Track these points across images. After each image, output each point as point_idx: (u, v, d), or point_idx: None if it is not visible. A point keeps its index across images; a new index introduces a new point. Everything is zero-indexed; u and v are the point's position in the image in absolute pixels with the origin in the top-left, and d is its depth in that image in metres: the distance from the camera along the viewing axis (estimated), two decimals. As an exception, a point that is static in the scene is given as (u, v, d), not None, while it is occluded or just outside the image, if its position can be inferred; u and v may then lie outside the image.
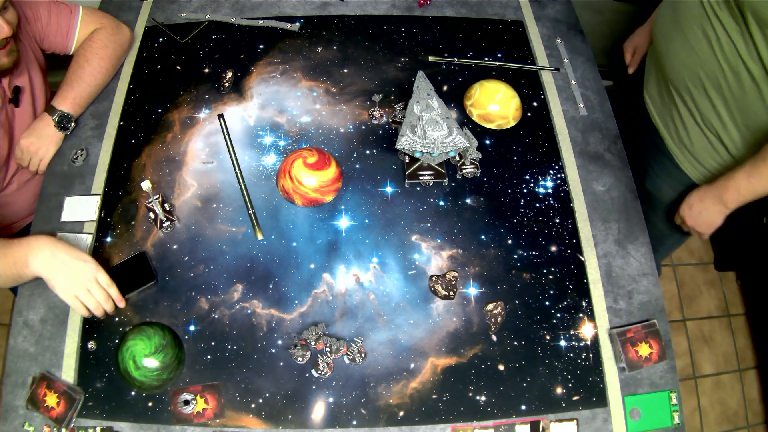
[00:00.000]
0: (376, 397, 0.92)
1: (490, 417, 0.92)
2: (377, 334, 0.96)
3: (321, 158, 1.05)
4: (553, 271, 1.03)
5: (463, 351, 0.96)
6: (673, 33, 1.04)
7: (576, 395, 0.94)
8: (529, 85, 1.24)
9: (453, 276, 1.01)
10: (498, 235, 1.06)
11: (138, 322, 0.95)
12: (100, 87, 1.18)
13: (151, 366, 0.88)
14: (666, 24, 1.07)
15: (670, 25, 1.05)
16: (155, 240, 1.04)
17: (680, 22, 1.01)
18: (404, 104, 1.18)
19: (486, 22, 1.34)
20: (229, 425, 0.90)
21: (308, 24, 1.31)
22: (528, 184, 1.11)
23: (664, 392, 0.95)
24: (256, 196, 1.08)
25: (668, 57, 1.06)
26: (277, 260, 1.02)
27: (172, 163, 1.12)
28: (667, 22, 1.07)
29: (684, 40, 1.00)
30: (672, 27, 1.04)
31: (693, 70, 1.00)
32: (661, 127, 1.16)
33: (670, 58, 1.06)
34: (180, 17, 1.32)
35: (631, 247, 1.07)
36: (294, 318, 0.97)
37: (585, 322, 0.99)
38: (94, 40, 1.16)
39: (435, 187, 1.10)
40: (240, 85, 1.22)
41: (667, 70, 1.07)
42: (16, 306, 0.99)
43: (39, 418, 0.90)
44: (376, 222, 1.06)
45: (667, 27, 1.06)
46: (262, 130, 1.16)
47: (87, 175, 1.11)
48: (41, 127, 1.11)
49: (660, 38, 1.09)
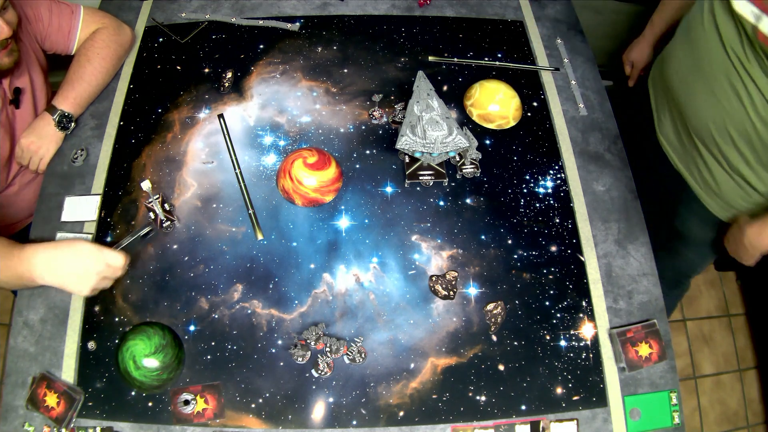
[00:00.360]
0: (376, 397, 0.92)
1: (490, 417, 0.92)
2: (377, 334, 0.96)
3: (321, 158, 1.06)
4: (553, 271, 1.03)
5: (463, 351, 0.96)
6: (694, 81, 0.99)
7: (576, 395, 0.94)
8: (529, 85, 1.24)
9: (453, 276, 1.01)
10: (498, 235, 1.06)
11: (138, 322, 0.95)
12: (101, 87, 1.19)
13: (151, 366, 0.88)
14: (684, 70, 1.02)
15: (691, 73, 1.00)
16: (155, 240, 1.04)
17: (703, 71, 0.96)
18: (404, 104, 1.18)
19: (486, 22, 1.34)
20: (229, 425, 0.90)
21: (308, 24, 1.31)
22: (528, 184, 1.11)
23: (664, 392, 0.95)
24: (256, 196, 1.08)
25: (689, 106, 1.02)
26: (277, 260, 1.02)
27: (172, 163, 1.12)
28: (685, 67, 1.01)
29: (709, 92, 0.95)
30: (693, 75, 0.99)
31: (720, 122, 0.96)
32: (683, 170, 1.12)
33: (691, 107, 1.01)
34: (180, 17, 1.32)
35: (631, 247, 1.07)
36: (294, 318, 0.97)
37: (585, 322, 0.99)
38: (96, 39, 1.16)
39: (435, 187, 1.10)
40: (240, 85, 1.22)
41: (688, 117, 1.03)
42: (16, 306, 0.99)
43: (39, 418, 0.90)
44: (376, 222, 1.06)
45: (686, 73, 1.01)
46: (262, 130, 1.16)
47: (87, 175, 1.11)
48: (41, 126, 1.11)
49: (677, 84, 1.04)
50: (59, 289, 0.90)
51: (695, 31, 0.98)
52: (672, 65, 1.06)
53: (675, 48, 1.06)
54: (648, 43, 1.29)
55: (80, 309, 0.98)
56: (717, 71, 0.93)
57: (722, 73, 0.92)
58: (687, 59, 1.01)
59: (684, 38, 1.03)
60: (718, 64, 0.93)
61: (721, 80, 0.93)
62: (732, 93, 0.92)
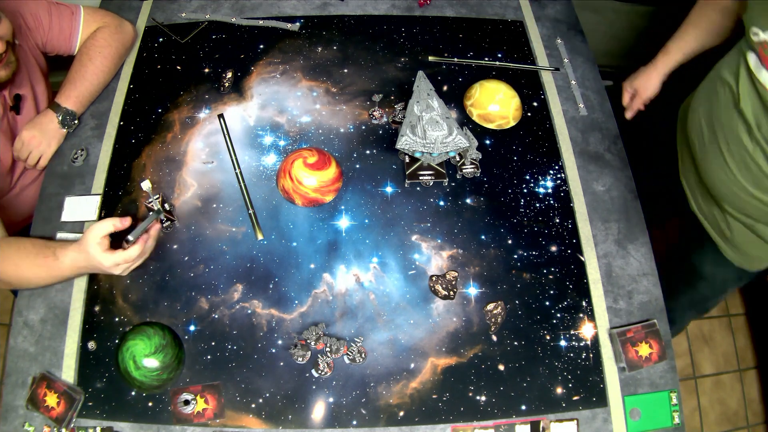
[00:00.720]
0: (376, 397, 0.92)
1: (490, 417, 0.92)
2: (377, 334, 0.96)
3: (321, 158, 1.05)
4: (553, 271, 1.03)
5: (463, 351, 0.96)
6: (711, 150, 0.98)
7: (576, 395, 0.94)
8: (529, 85, 1.24)
9: (453, 276, 1.01)
10: (498, 235, 1.06)
11: (138, 322, 0.95)
12: (103, 85, 1.19)
13: (151, 366, 0.88)
14: (703, 127, 1.00)
15: (708, 139, 0.98)
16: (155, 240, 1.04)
17: (718, 142, 0.95)
18: (404, 104, 1.18)
19: (486, 22, 1.34)
20: (229, 425, 0.90)
21: (308, 24, 1.31)
22: (528, 184, 1.11)
23: (664, 392, 0.95)
24: (256, 196, 1.08)
25: (707, 172, 1.01)
26: (277, 260, 1.02)
27: (172, 163, 1.12)
28: (703, 125, 1.00)
29: (724, 164, 0.95)
30: (710, 142, 0.98)
31: (734, 194, 0.96)
32: (701, 217, 1.12)
33: (708, 173, 1.01)
34: (180, 17, 1.32)
35: (631, 247, 1.07)
36: (294, 318, 0.97)
37: (585, 322, 0.99)
38: (98, 38, 1.16)
39: (435, 187, 1.10)
40: (240, 85, 1.22)
41: (705, 180, 1.03)
42: (16, 306, 0.99)
43: (39, 418, 0.90)
44: (376, 222, 1.06)
45: (704, 131, 0.99)
46: (262, 130, 1.16)
47: (87, 175, 1.11)
48: (45, 122, 1.11)
49: (695, 138, 1.03)
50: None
51: (717, 93, 0.96)
52: (693, 119, 1.04)
53: (698, 101, 1.02)
54: (659, 75, 1.13)
55: (80, 309, 0.98)
56: (734, 150, 0.92)
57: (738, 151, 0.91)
58: (706, 117, 0.99)
59: (705, 95, 1.00)
60: (734, 131, 0.91)
61: (736, 159, 0.92)
62: (747, 172, 0.91)
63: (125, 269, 0.93)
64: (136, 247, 0.91)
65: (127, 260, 0.90)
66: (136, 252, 0.91)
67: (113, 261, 0.89)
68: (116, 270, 0.91)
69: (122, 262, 0.90)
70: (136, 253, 0.91)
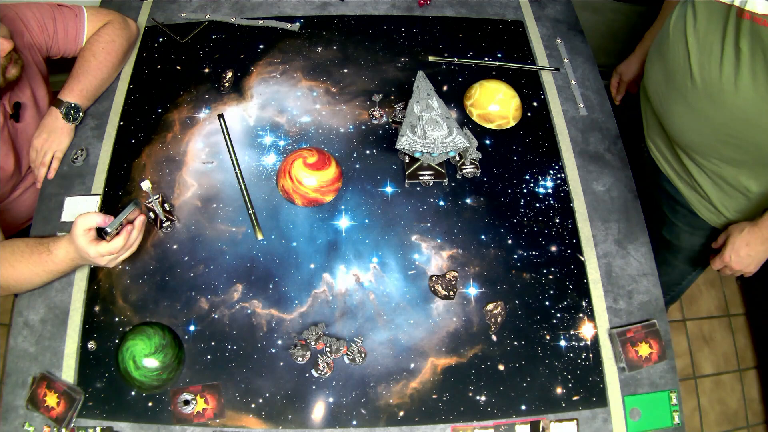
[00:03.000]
0: (376, 397, 0.92)
1: (490, 417, 0.92)
2: (377, 334, 0.96)
3: (321, 158, 1.05)
4: (553, 271, 1.03)
5: (463, 351, 0.96)
6: (668, 93, 0.99)
7: (576, 395, 0.94)
8: (529, 85, 1.24)
9: (453, 276, 1.01)
10: (498, 235, 1.06)
11: (138, 322, 0.95)
12: (107, 80, 1.18)
13: (151, 366, 0.88)
14: (659, 84, 1.02)
15: (665, 85, 1.00)
16: (155, 240, 1.04)
17: (676, 82, 0.96)
18: (404, 104, 1.18)
19: (486, 22, 1.34)
20: (229, 425, 0.90)
21: (308, 24, 1.31)
22: (528, 184, 1.11)
23: (664, 392, 0.95)
24: (256, 196, 1.08)
25: (667, 119, 1.02)
26: (277, 260, 1.02)
27: (172, 163, 1.12)
28: (660, 81, 1.02)
29: (683, 102, 0.95)
30: (667, 87, 0.99)
31: (699, 132, 0.96)
32: (673, 176, 1.13)
33: (670, 119, 1.02)
34: (180, 17, 1.32)
35: (631, 247, 1.07)
36: (294, 318, 0.97)
37: (585, 322, 0.99)
38: (101, 35, 1.16)
39: (435, 187, 1.10)
40: (240, 85, 1.22)
41: (668, 129, 1.04)
42: (16, 306, 0.99)
43: (39, 418, 0.90)
44: (376, 222, 1.06)
45: (661, 87, 1.01)
46: (262, 130, 1.16)
47: (87, 175, 1.11)
48: (50, 121, 1.11)
49: (655, 97, 1.05)
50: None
51: (664, 44, 0.98)
52: (650, 79, 1.07)
53: (650, 62, 1.07)
54: (637, 59, 1.27)
55: (80, 309, 0.98)
56: (684, 79, 0.93)
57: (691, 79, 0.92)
58: (660, 73, 1.02)
59: (656, 51, 1.03)
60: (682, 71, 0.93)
61: (693, 87, 0.92)
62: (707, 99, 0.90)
63: (111, 260, 0.91)
64: (119, 239, 0.89)
65: (111, 251, 0.88)
66: (119, 243, 0.89)
67: (98, 251, 0.87)
68: (102, 261, 0.90)
69: (107, 254, 0.88)
70: (120, 245, 0.89)
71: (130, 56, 1.25)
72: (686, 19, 0.92)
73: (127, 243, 0.90)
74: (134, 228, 0.91)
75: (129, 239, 0.90)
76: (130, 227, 0.91)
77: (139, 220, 0.92)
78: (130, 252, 0.93)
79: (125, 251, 0.92)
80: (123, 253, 0.92)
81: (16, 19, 1.06)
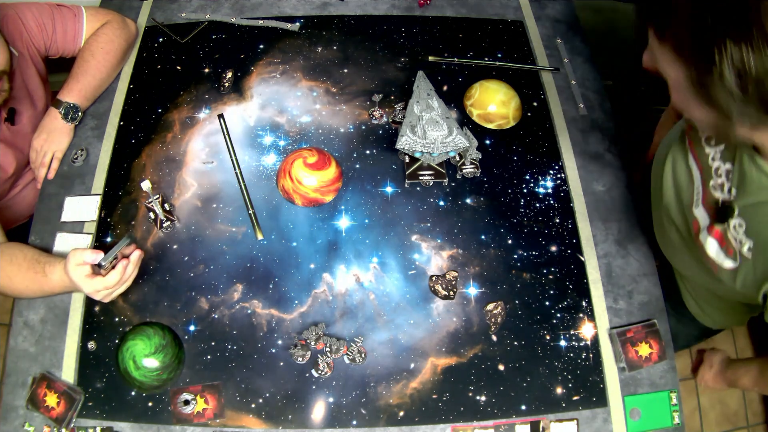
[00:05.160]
0: (376, 397, 0.92)
1: (490, 417, 0.92)
2: (377, 334, 0.96)
3: (321, 158, 1.05)
4: (553, 271, 1.03)
5: (463, 351, 0.96)
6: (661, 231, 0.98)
7: (576, 395, 0.94)
8: (529, 85, 1.24)
9: (453, 276, 1.01)
10: (498, 235, 1.06)
11: (138, 322, 0.95)
12: (106, 80, 1.18)
13: (151, 366, 0.88)
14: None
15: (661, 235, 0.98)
16: (155, 240, 1.04)
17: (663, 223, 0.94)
18: (404, 104, 1.18)
19: (486, 22, 1.34)
20: (229, 425, 0.90)
21: (308, 24, 1.31)
22: (528, 184, 1.11)
23: (664, 392, 0.95)
24: (256, 196, 1.08)
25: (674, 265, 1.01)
26: (277, 260, 1.02)
27: (172, 163, 1.12)
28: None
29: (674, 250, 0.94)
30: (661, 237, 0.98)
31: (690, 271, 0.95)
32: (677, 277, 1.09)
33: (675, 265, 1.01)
34: (180, 17, 1.32)
35: (631, 247, 1.07)
36: (294, 318, 0.97)
37: (585, 322, 0.99)
38: (100, 35, 1.16)
39: (435, 187, 1.10)
40: (240, 85, 1.21)
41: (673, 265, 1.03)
42: (16, 306, 0.99)
43: (39, 418, 0.90)
44: (376, 222, 1.06)
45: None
46: (262, 130, 1.16)
47: (87, 175, 1.11)
48: (49, 122, 1.11)
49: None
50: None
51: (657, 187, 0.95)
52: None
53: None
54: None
55: (80, 309, 0.98)
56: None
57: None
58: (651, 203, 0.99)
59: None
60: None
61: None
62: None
63: (105, 296, 0.89)
64: (115, 274, 0.87)
65: (106, 287, 0.87)
66: (115, 278, 0.87)
67: (93, 287, 0.86)
68: (96, 296, 0.88)
69: (102, 289, 0.86)
70: (114, 280, 0.87)
71: (129, 56, 1.25)
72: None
73: (122, 278, 0.88)
74: (130, 262, 0.89)
75: (124, 274, 0.88)
76: (125, 261, 0.88)
77: (135, 254, 0.90)
78: (125, 287, 0.90)
79: (120, 286, 0.89)
80: (118, 288, 0.89)
81: (15, 18, 1.06)
